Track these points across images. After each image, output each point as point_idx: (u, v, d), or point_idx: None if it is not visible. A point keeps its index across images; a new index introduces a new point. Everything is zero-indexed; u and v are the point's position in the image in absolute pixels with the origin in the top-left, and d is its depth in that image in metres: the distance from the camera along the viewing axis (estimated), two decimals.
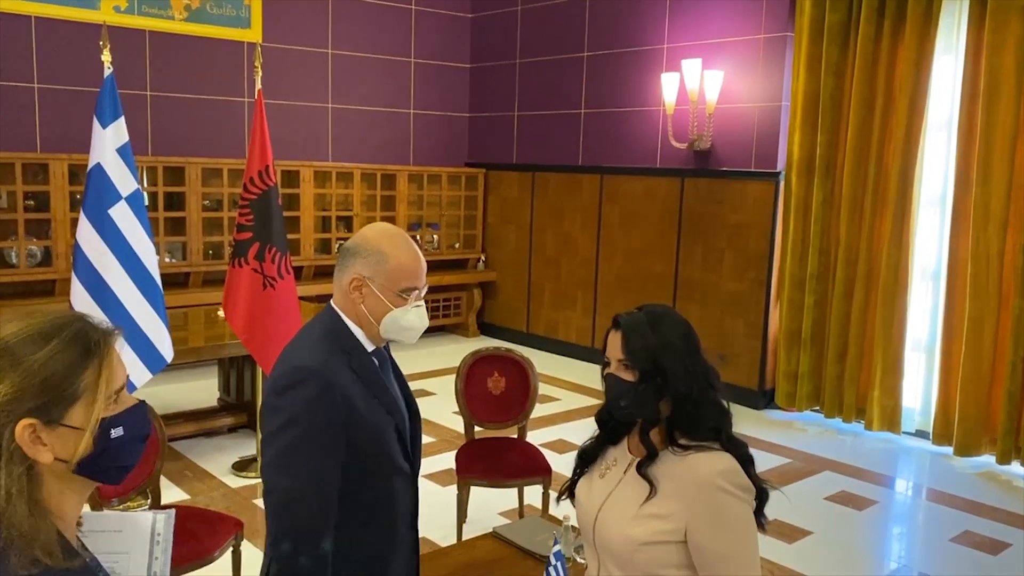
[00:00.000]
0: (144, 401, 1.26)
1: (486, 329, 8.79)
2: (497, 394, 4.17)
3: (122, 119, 4.14)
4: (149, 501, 3.33)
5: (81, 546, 1.22)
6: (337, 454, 1.78)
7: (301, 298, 6.96)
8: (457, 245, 8.68)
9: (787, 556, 4.00)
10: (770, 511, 1.81)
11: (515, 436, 4.20)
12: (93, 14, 6.36)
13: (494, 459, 3.98)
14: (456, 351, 4.18)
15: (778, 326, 6.33)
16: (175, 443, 5.30)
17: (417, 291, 1.92)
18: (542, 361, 7.70)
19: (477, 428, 4.16)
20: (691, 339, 1.83)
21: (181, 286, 6.86)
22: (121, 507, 3.55)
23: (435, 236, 8.53)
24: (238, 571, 3.28)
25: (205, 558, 3.05)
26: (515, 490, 4.15)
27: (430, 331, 8.50)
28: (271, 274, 4.60)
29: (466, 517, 4.13)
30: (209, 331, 5.64)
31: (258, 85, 4.71)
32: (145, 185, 6.75)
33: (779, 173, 6.25)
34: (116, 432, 1.17)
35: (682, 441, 1.77)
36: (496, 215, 8.67)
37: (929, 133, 5.60)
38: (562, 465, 5.16)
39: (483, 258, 8.74)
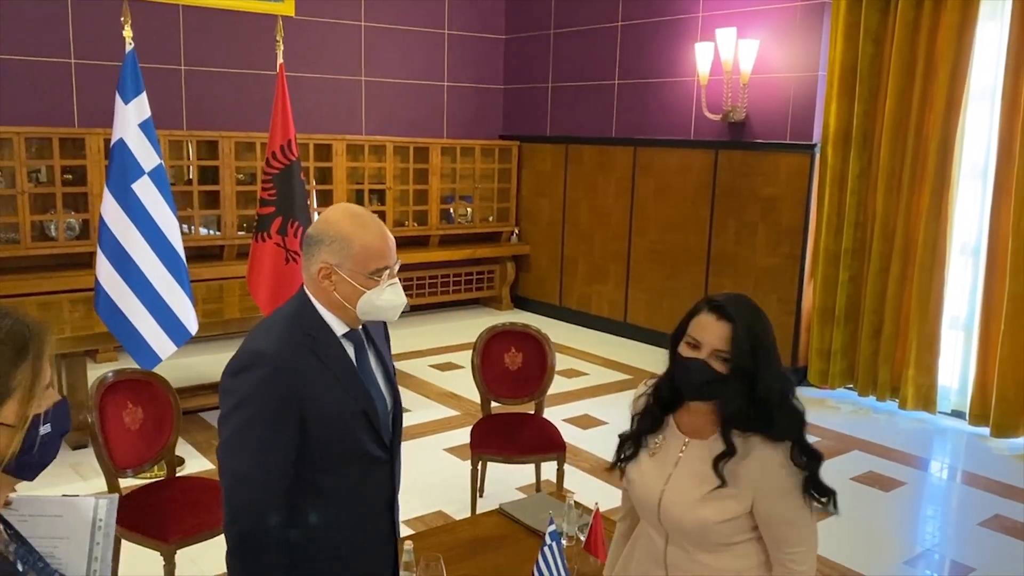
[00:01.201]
0: (65, 397, 1.23)
1: (520, 302, 8.78)
2: (514, 370, 4.15)
3: (144, 95, 4.18)
4: (165, 472, 3.40)
5: (4, 535, 1.20)
6: (286, 437, 1.77)
7: None
8: (491, 218, 8.65)
9: None
10: None
11: (532, 412, 4.18)
12: None
13: (509, 435, 3.97)
14: (488, 324, 4.18)
15: (812, 302, 6.20)
16: (205, 414, 5.42)
17: (388, 269, 1.87)
18: (573, 335, 7.71)
19: (494, 404, 4.16)
20: (774, 339, 1.86)
21: (216, 259, 6.96)
22: (140, 476, 3.64)
23: (468, 209, 8.52)
24: None
25: (214, 528, 3.10)
26: (533, 465, 4.14)
27: (464, 304, 8.59)
28: (294, 248, 4.63)
29: (483, 492, 4.16)
30: (243, 303, 5.71)
31: (279, 59, 4.72)
32: (190, 158, 6.85)
33: (815, 145, 6.08)
34: (44, 429, 1.16)
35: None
36: (530, 188, 8.61)
37: (971, 103, 5.39)
38: (585, 440, 5.16)
39: (517, 231, 8.71)
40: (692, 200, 6.97)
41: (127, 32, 4.15)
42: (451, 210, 8.42)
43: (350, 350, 1.92)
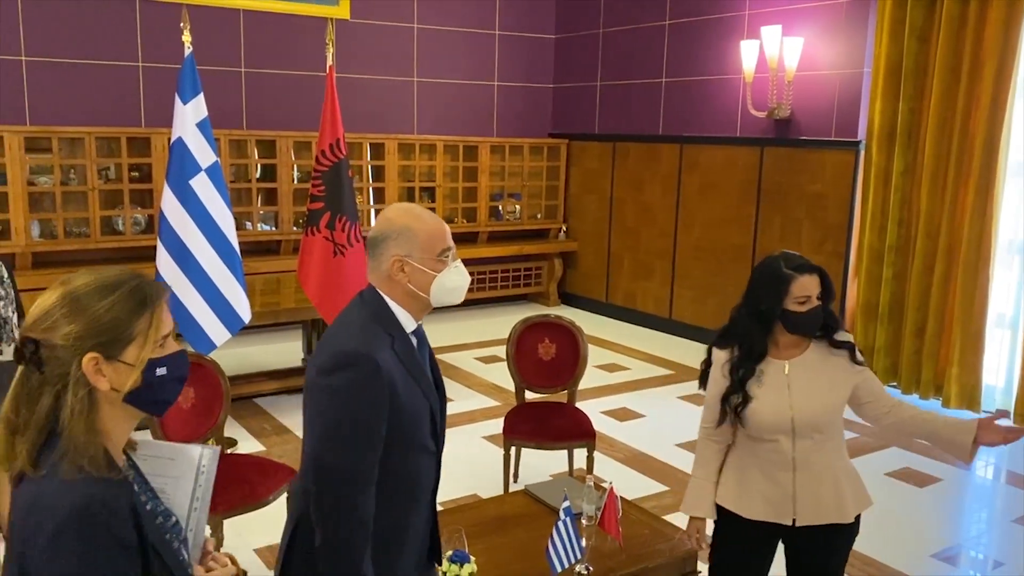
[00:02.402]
0: (184, 350, 1.48)
1: (567, 299, 8.90)
2: (547, 360, 4.29)
3: (201, 96, 4.43)
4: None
5: (127, 466, 1.44)
6: (379, 435, 1.87)
7: None
8: (539, 215, 8.79)
9: None
10: None
11: (565, 401, 4.31)
12: None
13: (541, 422, 4.11)
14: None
15: (856, 299, 6.19)
16: (259, 399, 5.68)
17: (452, 250, 1.99)
18: (618, 331, 7.81)
19: (528, 392, 4.30)
20: None
21: (273, 253, 7.24)
22: None
23: (517, 206, 8.67)
24: None
25: (259, 501, 3.33)
26: (565, 453, 4.27)
27: (512, 299, 8.75)
28: (341, 242, 4.85)
29: (517, 478, 4.30)
30: (299, 295, 5.93)
31: (329, 61, 4.94)
32: (255, 157, 7.15)
33: (859, 142, 6.07)
34: (160, 371, 1.39)
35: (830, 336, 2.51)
36: (578, 185, 8.73)
37: (1018, 100, 5.32)
38: (621, 432, 5.28)
39: (564, 228, 8.83)
40: (738, 197, 7.00)
41: (186, 37, 4.40)
42: (500, 207, 8.59)
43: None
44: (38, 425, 1.32)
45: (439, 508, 2.21)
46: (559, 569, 2.56)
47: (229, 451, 4.19)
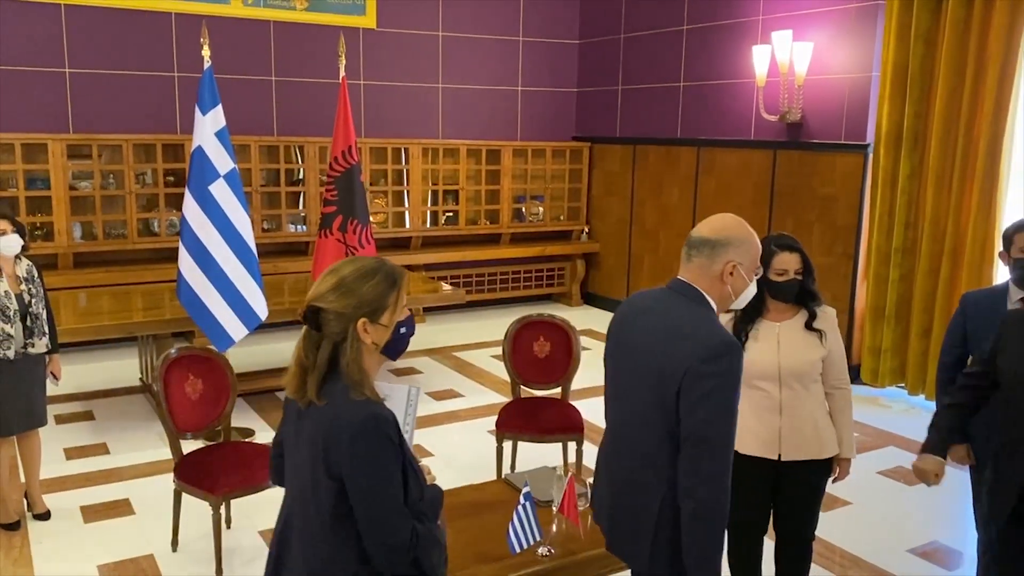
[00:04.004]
0: (412, 312, 1.99)
1: (589, 299, 9.06)
2: (542, 357, 4.49)
3: (219, 106, 4.72)
4: (221, 437, 3.91)
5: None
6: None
7: (408, 266, 7.53)
8: (561, 217, 8.97)
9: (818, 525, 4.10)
10: None
11: (559, 396, 4.50)
12: (222, 8, 7.10)
13: (533, 416, 4.31)
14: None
15: (864, 301, 6.25)
16: (280, 393, 5.96)
17: (760, 268, 2.29)
18: None
19: (523, 388, 4.50)
20: None
21: (302, 254, 7.55)
22: (204, 436, 4.15)
23: (540, 208, 8.86)
24: None
25: (258, 484, 3.58)
26: (560, 445, 4.45)
27: (535, 299, 8.95)
28: (353, 244, 5.11)
29: (514, 468, 4.50)
30: None
31: (342, 72, 5.19)
32: (296, 163, 7.48)
33: (868, 145, 6.13)
34: (402, 329, 1.93)
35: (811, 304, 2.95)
36: (600, 187, 8.89)
37: (1021, 103, 5.35)
38: None
39: (587, 229, 9.00)
40: (752, 199, 7.09)
41: (205, 51, 4.69)
42: (523, 209, 8.79)
43: None
44: (321, 367, 1.83)
45: None
46: (517, 550, 2.76)
47: (245, 440, 4.47)
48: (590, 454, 4.74)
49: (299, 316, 1.86)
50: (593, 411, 5.65)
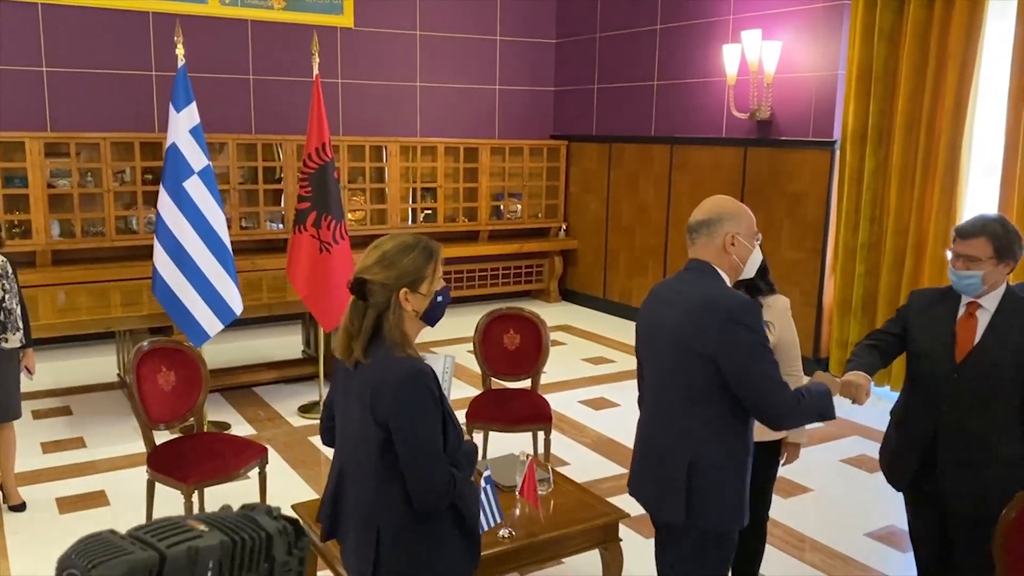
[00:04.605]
0: (448, 285, 2.17)
1: (567, 295, 9.17)
2: (512, 349, 4.58)
3: (194, 104, 4.78)
4: (194, 428, 3.98)
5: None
6: None
7: None
8: (539, 214, 9.07)
9: (778, 511, 4.21)
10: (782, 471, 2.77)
11: (528, 387, 4.59)
12: (200, 7, 7.16)
13: (502, 407, 4.40)
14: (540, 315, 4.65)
15: (832, 295, 6.38)
16: (258, 388, 6.04)
17: (760, 236, 2.48)
18: (613, 326, 8.07)
19: (494, 380, 4.59)
20: None
21: (280, 251, 7.59)
22: (179, 427, 4.21)
23: (518, 206, 8.96)
24: (264, 490, 3.88)
25: (231, 474, 3.66)
26: (530, 435, 4.54)
27: (513, 296, 9.05)
28: (327, 239, 5.18)
29: (485, 457, 4.57)
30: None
31: (315, 70, 5.25)
32: (277, 160, 7.54)
33: (835, 142, 6.26)
34: (439, 298, 2.13)
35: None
36: (577, 185, 8.99)
37: (984, 100, 5.49)
38: (593, 419, 5.56)
39: (564, 227, 9.10)
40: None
41: (179, 49, 4.75)
42: (501, 206, 8.89)
43: None
44: (367, 332, 2.05)
45: None
46: (479, 532, 2.84)
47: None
48: (558, 443, 4.88)
49: (347, 287, 2.09)
50: (563, 402, 5.78)
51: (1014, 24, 5.18)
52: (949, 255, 2.66)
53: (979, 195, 5.59)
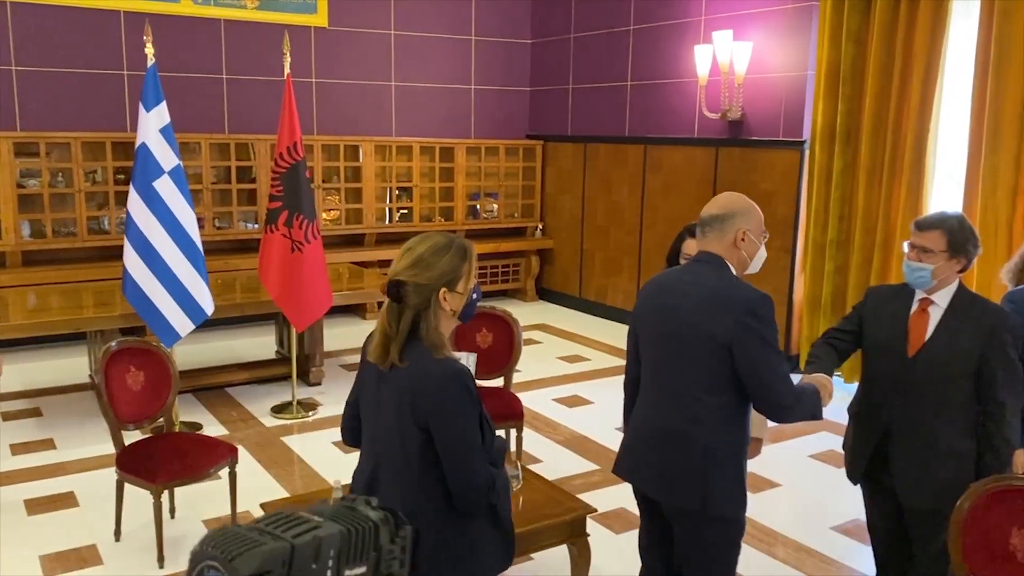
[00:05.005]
0: (479, 283, 2.22)
1: (544, 294, 9.21)
2: (485, 348, 4.60)
3: (164, 103, 4.76)
4: (164, 427, 3.97)
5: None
6: None
7: (361, 263, 7.61)
8: (516, 214, 9.10)
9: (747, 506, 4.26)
10: (749, 466, 2.67)
11: (501, 385, 4.62)
12: (172, 7, 7.13)
13: None
14: (515, 315, 4.67)
15: (802, 292, 6.45)
16: (231, 388, 6.02)
17: (767, 233, 2.58)
18: (588, 324, 8.11)
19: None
20: None
21: (254, 251, 7.55)
22: (149, 428, 4.21)
23: (495, 205, 8.98)
24: (234, 490, 3.88)
25: (199, 473, 3.66)
26: (501, 432, 4.57)
27: (490, 295, 9.07)
28: (299, 239, 5.19)
29: None
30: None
31: (286, 70, 5.25)
32: (251, 160, 7.51)
33: (804, 142, 6.33)
34: (473, 296, 2.17)
35: None
36: (553, 185, 9.03)
37: (949, 101, 5.57)
38: (567, 417, 5.60)
39: (540, 226, 9.14)
40: (696, 196, 7.27)
41: (149, 49, 4.74)
42: (478, 206, 8.91)
43: None
44: (403, 333, 2.06)
45: None
46: None
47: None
48: (531, 441, 4.91)
49: (382, 290, 2.14)
50: (537, 400, 5.82)
51: (977, 24, 5.27)
52: (906, 247, 2.71)
53: (944, 193, 5.68)
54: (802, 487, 4.58)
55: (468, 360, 2.45)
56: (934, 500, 2.62)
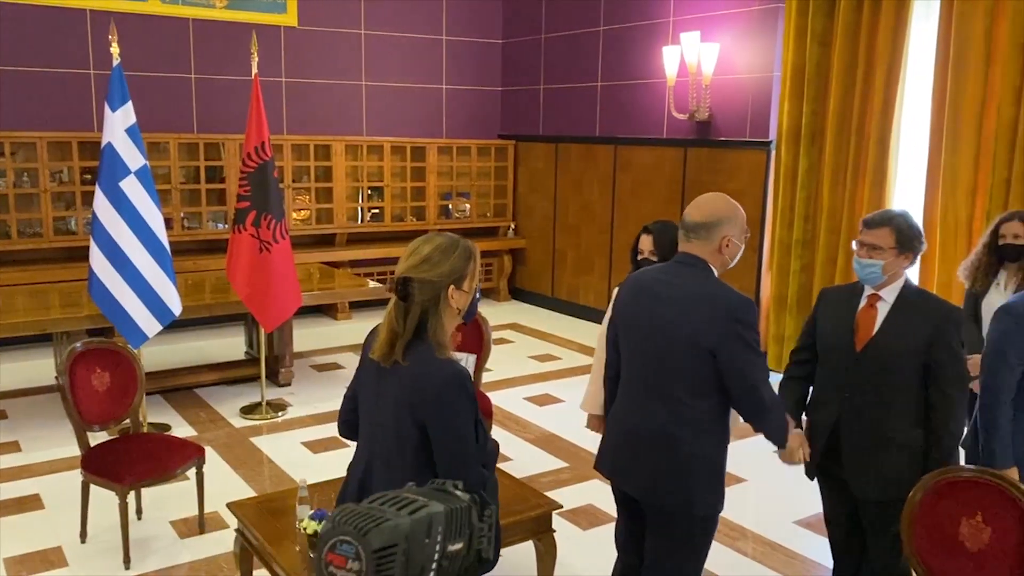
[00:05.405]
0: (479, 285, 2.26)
1: (516, 293, 9.24)
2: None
3: (130, 103, 4.74)
4: (131, 428, 3.96)
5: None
6: None
7: (332, 263, 7.60)
8: (488, 214, 9.13)
9: None
10: None
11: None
12: (139, 5, 7.08)
13: None
14: (487, 314, 4.69)
15: (769, 291, 6.54)
16: (200, 389, 5.99)
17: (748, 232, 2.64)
18: (560, 324, 8.16)
19: None
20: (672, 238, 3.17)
21: (223, 251, 7.51)
22: (116, 429, 4.19)
23: (467, 205, 9.00)
24: (201, 490, 3.88)
25: (165, 474, 3.66)
26: None
27: None
28: (267, 239, 5.18)
29: None
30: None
31: (254, 69, 5.24)
32: (220, 159, 7.47)
33: (771, 142, 6.42)
34: (476, 295, 2.23)
35: None
36: (525, 185, 9.07)
37: (912, 101, 5.68)
38: (537, 415, 5.63)
39: (513, 226, 9.17)
40: (665, 195, 7.34)
41: (114, 48, 4.71)
42: (450, 206, 8.92)
43: None
44: (409, 332, 2.10)
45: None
46: None
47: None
48: (501, 440, 4.89)
49: (389, 289, 2.16)
50: (508, 399, 5.85)
51: (936, 25, 5.37)
52: (855, 245, 2.78)
53: (907, 192, 5.78)
54: (766, 482, 4.65)
55: (467, 361, 2.46)
56: (884, 492, 2.69)
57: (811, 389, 2.97)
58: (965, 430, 2.94)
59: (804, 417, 2.99)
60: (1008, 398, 2.73)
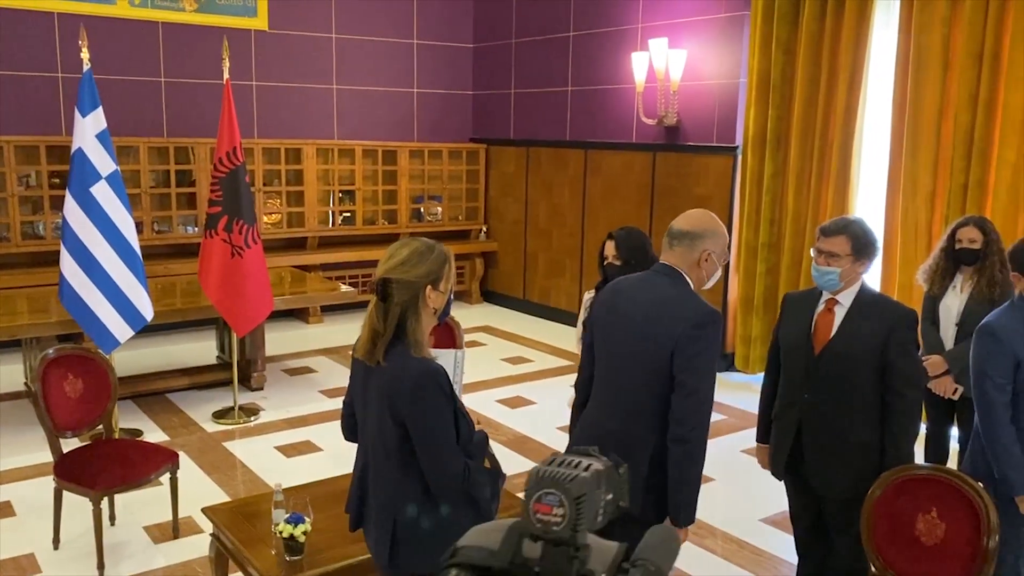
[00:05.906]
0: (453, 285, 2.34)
1: (488, 296, 9.30)
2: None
3: (100, 109, 4.73)
4: (104, 434, 3.96)
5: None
6: None
7: (304, 267, 7.60)
8: (460, 217, 9.18)
9: None
10: None
11: None
12: (108, 8, 7.04)
13: None
14: (459, 317, 4.73)
15: (736, 293, 6.66)
16: (171, 394, 5.98)
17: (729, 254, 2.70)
18: (532, 326, 8.23)
19: None
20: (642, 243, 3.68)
21: (193, 255, 7.48)
22: (88, 435, 4.19)
23: (438, 208, 9.05)
24: (175, 495, 3.89)
25: (140, 480, 3.67)
26: None
27: None
28: (239, 244, 5.19)
29: None
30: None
31: (226, 74, 5.25)
32: (190, 164, 7.44)
33: (737, 147, 6.54)
34: (450, 296, 2.29)
35: None
36: (497, 188, 9.13)
37: (873, 108, 5.82)
38: (509, 418, 5.70)
39: (485, 229, 9.23)
40: (635, 199, 7.45)
41: (84, 53, 4.70)
42: (422, 209, 8.96)
43: None
44: (390, 331, 2.18)
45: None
46: None
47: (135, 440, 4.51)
48: None
49: (370, 289, 2.26)
50: (481, 402, 5.90)
51: (896, 33, 5.52)
52: (813, 252, 2.87)
53: (869, 196, 5.92)
54: (734, 481, 4.75)
55: (457, 358, 2.58)
56: (846, 490, 2.78)
57: (778, 390, 3.06)
58: (922, 429, 3.05)
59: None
60: (1005, 413, 2.69)
